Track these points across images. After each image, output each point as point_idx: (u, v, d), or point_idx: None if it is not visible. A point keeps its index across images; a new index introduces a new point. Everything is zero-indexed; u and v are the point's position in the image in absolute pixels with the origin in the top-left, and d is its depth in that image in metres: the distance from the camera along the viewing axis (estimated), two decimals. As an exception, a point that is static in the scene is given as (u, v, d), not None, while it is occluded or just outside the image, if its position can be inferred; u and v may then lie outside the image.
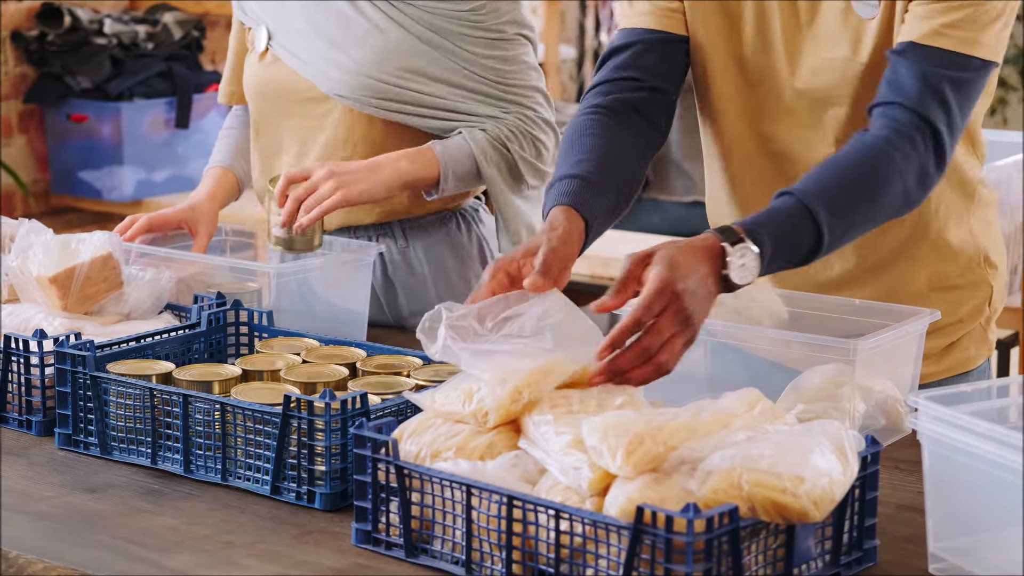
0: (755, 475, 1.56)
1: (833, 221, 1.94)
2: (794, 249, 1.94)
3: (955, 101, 2.05)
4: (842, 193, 1.97)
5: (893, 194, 2.01)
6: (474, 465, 1.70)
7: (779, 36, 2.19)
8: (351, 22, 2.67)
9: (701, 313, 1.84)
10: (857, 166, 2.00)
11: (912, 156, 2.01)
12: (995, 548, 1.64)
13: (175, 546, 1.80)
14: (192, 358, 2.27)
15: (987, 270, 2.29)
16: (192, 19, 5.47)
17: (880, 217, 2.04)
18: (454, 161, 2.63)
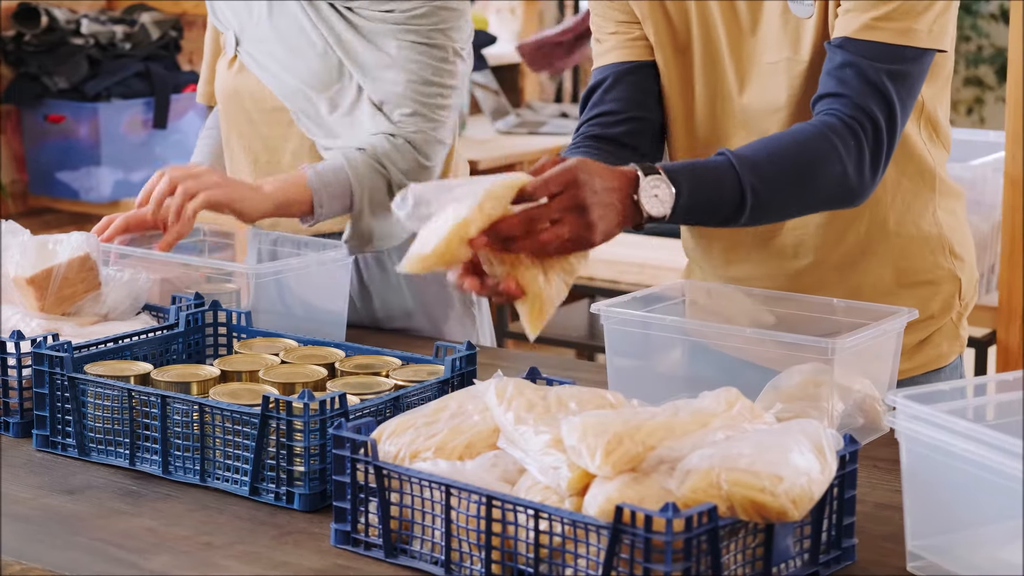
0: (734, 474, 1.56)
1: (759, 185, 1.98)
2: (713, 202, 1.97)
3: (895, 92, 2.07)
4: (772, 164, 2.01)
5: (828, 178, 2.04)
6: (453, 465, 1.70)
7: (726, 49, 2.23)
8: (304, 30, 2.66)
9: (600, 216, 1.85)
10: (792, 145, 2.04)
11: (850, 145, 2.04)
12: (973, 546, 1.65)
13: (153, 547, 1.79)
14: (170, 359, 2.27)
15: (954, 263, 2.30)
16: (170, 19, 5.46)
17: (814, 199, 2.08)
18: (327, 185, 2.56)
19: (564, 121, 6.47)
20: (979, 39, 8.74)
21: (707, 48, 2.25)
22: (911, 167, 2.25)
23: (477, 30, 6.40)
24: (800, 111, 2.19)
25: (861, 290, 2.27)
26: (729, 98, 2.24)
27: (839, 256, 2.27)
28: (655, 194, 1.91)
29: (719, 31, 2.23)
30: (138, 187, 5.59)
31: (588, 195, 1.84)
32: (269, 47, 2.69)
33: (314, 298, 2.57)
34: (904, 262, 2.27)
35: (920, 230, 2.27)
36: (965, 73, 8.79)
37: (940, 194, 2.29)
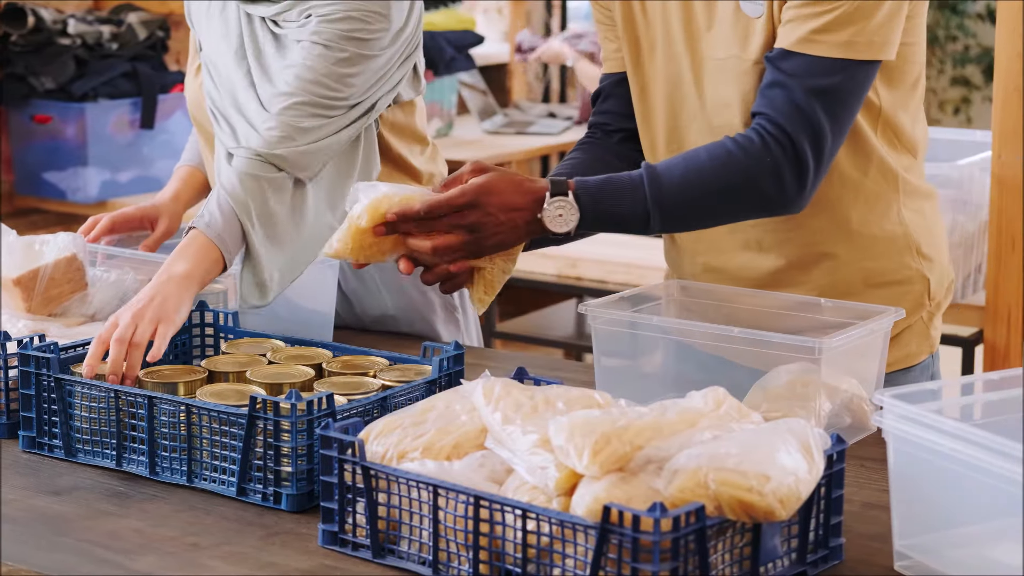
0: (721, 474, 1.56)
1: (666, 202, 2.11)
2: (618, 218, 2.12)
3: (823, 111, 2.11)
4: (683, 180, 2.12)
5: (742, 194, 2.14)
6: (441, 465, 1.70)
7: (683, 46, 2.27)
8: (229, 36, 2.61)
9: (493, 235, 2.08)
10: (707, 161, 2.13)
11: (764, 164, 2.11)
12: (960, 545, 1.65)
13: (140, 548, 1.79)
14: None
15: (922, 263, 2.31)
16: (157, 19, 5.45)
17: (730, 213, 2.19)
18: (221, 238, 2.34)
19: (552, 121, 6.47)
20: (966, 39, 8.76)
21: (667, 45, 2.29)
22: (872, 169, 2.26)
23: (464, 30, 6.39)
24: (746, 110, 2.22)
25: (830, 290, 2.28)
26: (686, 94, 2.29)
27: (802, 254, 2.29)
28: (559, 214, 2.09)
29: (677, 28, 2.27)
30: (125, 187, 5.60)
31: (484, 217, 2.07)
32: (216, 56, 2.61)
33: (301, 299, 2.57)
34: (871, 262, 2.28)
35: (885, 230, 2.28)
36: (952, 73, 8.81)
37: (905, 194, 2.30)
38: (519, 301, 5.58)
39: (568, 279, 4.74)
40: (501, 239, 2.09)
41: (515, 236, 2.10)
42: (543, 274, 4.77)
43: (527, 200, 2.09)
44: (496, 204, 2.07)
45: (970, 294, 4.09)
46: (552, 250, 4.74)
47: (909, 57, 2.24)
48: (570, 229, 2.10)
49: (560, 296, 5.35)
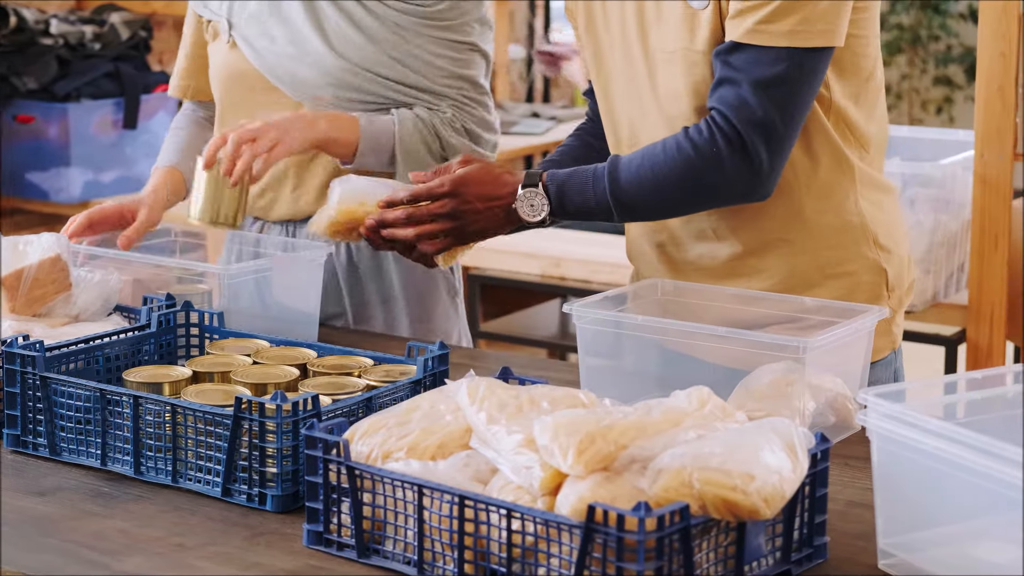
0: (706, 473, 1.57)
1: (622, 196, 2.23)
2: (584, 209, 2.26)
3: (770, 101, 2.15)
4: (639, 174, 2.22)
5: (694, 188, 2.22)
6: (425, 465, 1.70)
7: (636, 40, 2.31)
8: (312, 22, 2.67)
9: (474, 223, 2.29)
10: (662, 155, 2.21)
11: (713, 160, 2.18)
12: (944, 544, 1.65)
13: (126, 549, 1.79)
14: (142, 360, 2.26)
15: (879, 253, 2.32)
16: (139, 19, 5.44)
17: (685, 205, 2.28)
18: (375, 135, 2.63)
19: (536, 121, 6.48)
20: (948, 38, 8.78)
21: (624, 43, 2.33)
22: (826, 158, 2.28)
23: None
24: (700, 98, 2.24)
25: (788, 278, 2.30)
26: (642, 88, 2.32)
27: (758, 241, 2.30)
28: (531, 204, 2.27)
29: (632, 25, 2.31)
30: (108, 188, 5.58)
31: (464, 205, 2.28)
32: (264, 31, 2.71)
33: (286, 299, 2.57)
34: (827, 251, 2.30)
35: (841, 219, 2.30)
36: (935, 72, 8.83)
37: (862, 184, 2.32)
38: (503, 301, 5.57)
39: (552, 279, 4.74)
40: (482, 226, 2.30)
41: (495, 224, 2.30)
42: (527, 274, 4.77)
43: (504, 191, 2.28)
44: (474, 194, 2.28)
45: (953, 293, 4.11)
46: (536, 250, 4.74)
47: (859, 50, 2.26)
48: (542, 217, 2.27)
49: (544, 296, 5.34)
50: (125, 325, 2.35)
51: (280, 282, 2.56)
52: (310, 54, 2.68)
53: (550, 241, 4.84)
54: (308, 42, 2.68)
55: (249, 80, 2.73)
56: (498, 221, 2.30)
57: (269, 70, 2.70)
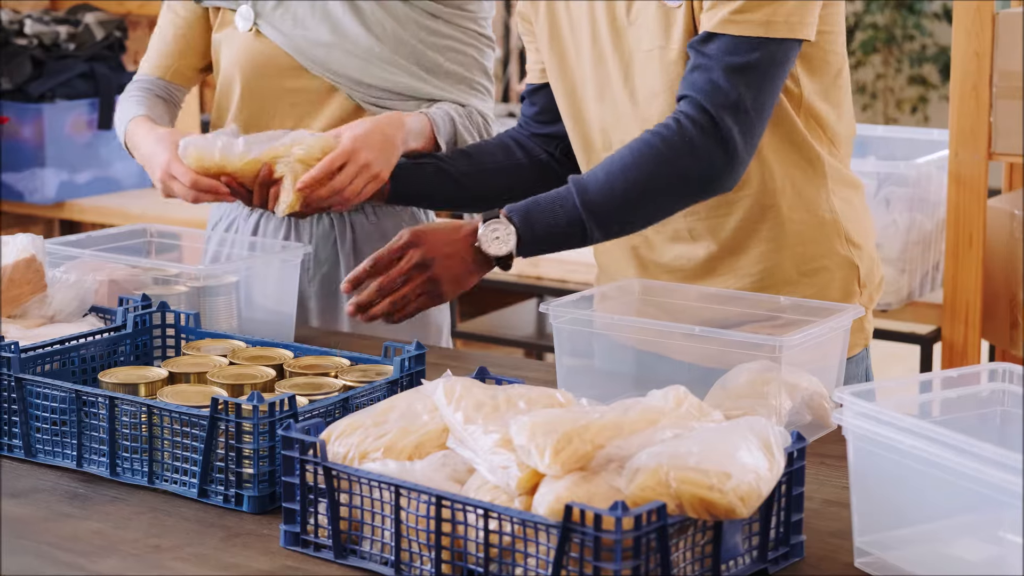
0: (682, 472, 1.57)
1: (596, 208, 2.18)
2: (555, 231, 2.19)
3: (743, 85, 2.16)
4: (607, 178, 2.19)
5: (668, 180, 2.19)
6: (402, 465, 1.70)
7: (608, 41, 2.32)
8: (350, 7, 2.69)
9: (445, 269, 2.20)
10: (628, 155, 2.19)
11: (684, 145, 2.16)
12: (919, 541, 1.66)
13: (102, 550, 1.78)
14: (118, 361, 2.26)
15: (851, 250, 2.35)
16: (114, 19, 5.42)
17: (664, 204, 2.23)
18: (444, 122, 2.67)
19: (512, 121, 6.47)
20: (923, 38, 8.80)
21: (595, 46, 2.33)
22: (797, 155, 2.30)
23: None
24: (675, 96, 2.25)
25: (765, 276, 2.31)
26: (616, 91, 2.32)
27: (733, 240, 2.32)
28: (495, 236, 2.20)
29: (603, 27, 2.32)
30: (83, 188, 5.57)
31: (427, 253, 2.20)
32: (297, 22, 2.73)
33: (263, 299, 2.57)
34: (800, 248, 2.32)
35: (814, 215, 2.32)
36: (909, 72, 8.85)
37: (833, 181, 2.34)
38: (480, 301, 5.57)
39: (529, 279, 4.75)
40: (455, 271, 2.22)
41: (465, 267, 2.22)
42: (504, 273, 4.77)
43: (462, 232, 2.21)
44: (432, 240, 2.21)
45: (928, 292, 4.11)
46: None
47: (828, 47, 2.28)
48: (510, 249, 2.19)
49: (521, 296, 5.34)
50: (101, 326, 2.35)
51: (257, 283, 2.56)
52: (348, 38, 2.69)
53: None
54: (346, 27, 2.69)
55: (276, 67, 2.73)
56: (467, 264, 2.22)
57: (302, 53, 2.70)
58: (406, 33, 2.71)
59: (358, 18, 2.70)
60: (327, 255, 2.78)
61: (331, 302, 2.80)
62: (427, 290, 2.21)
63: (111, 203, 5.21)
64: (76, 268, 2.53)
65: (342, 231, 2.77)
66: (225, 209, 2.86)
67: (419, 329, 2.76)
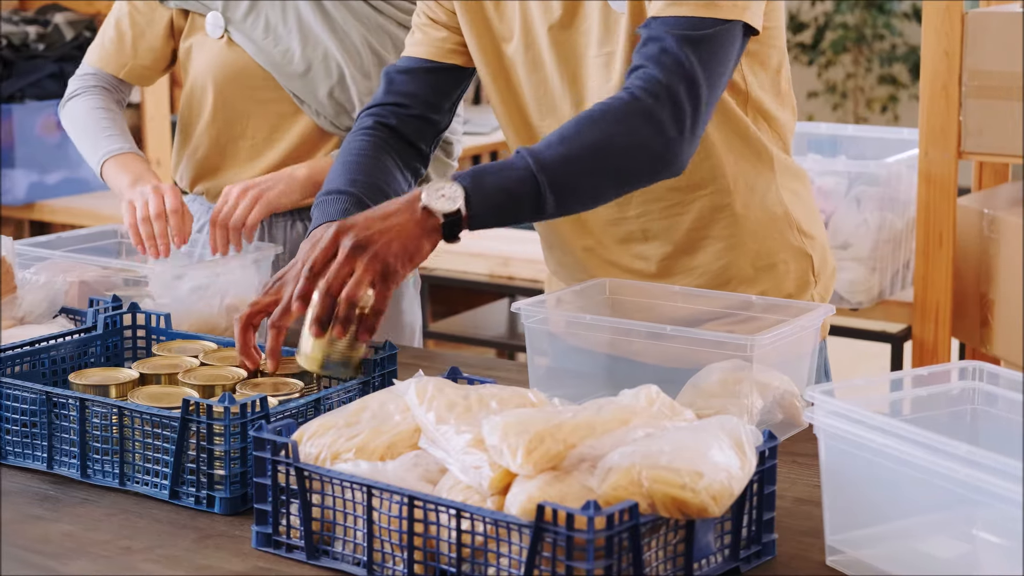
0: (654, 471, 1.57)
1: (553, 168, 2.00)
2: (508, 192, 1.99)
3: (694, 57, 2.07)
4: (560, 141, 2.03)
5: (629, 149, 2.05)
6: (374, 466, 1.70)
7: (547, 46, 2.28)
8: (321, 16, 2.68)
9: (387, 243, 1.92)
10: (586, 123, 2.05)
11: (638, 111, 2.05)
12: (890, 540, 1.66)
13: (72, 553, 1.78)
14: (88, 362, 2.25)
15: (803, 240, 2.37)
16: (84, 19, 5.41)
17: (622, 173, 2.08)
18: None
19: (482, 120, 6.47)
20: (893, 38, 8.83)
21: (529, 47, 2.30)
22: (747, 150, 2.31)
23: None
24: None
25: (721, 274, 2.33)
26: (556, 93, 2.29)
27: (688, 239, 2.32)
28: (441, 195, 1.96)
29: (538, 29, 2.29)
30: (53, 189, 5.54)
31: (359, 233, 1.92)
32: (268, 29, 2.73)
33: (235, 299, 2.56)
34: (755, 244, 2.34)
35: (766, 210, 2.34)
36: (879, 71, 8.88)
37: (780, 174, 2.36)
38: (451, 301, 5.57)
39: (500, 278, 4.75)
40: (401, 244, 1.94)
41: (411, 237, 1.95)
42: (475, 273, 4.77)
43: (400, 203, 1.98)
44: (363, 221, 1.95)
45: (898, 291, 4.13)
46: (484, 250, 4.74)
47: (770, 41, 2.29)
48: (459, 206, 1.95)
49: (492, 295, 5.35)
50: (71, 327, 2.34)
51: (228, 282, 2.55)
52: (319, 53, 2.68)
53: (498, 241, 4.84)
54: (319, 41, 2.68)
55: (249, 77, 2.73)
56: (411, 232, 1.95)
57: (276, 67, 2.69)
58: (376, 42, 2.69)
59: (328, 26, 2.69)
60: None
61: None
62: (377, 272, 1.92)
63: (81, 204, 5.19)
64: (46, 269, 2.52)
65: None
66: (199, 208, 2.85)
67: (392, 330, 2.77)
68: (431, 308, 5.21)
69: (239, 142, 2.76)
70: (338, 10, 2.69)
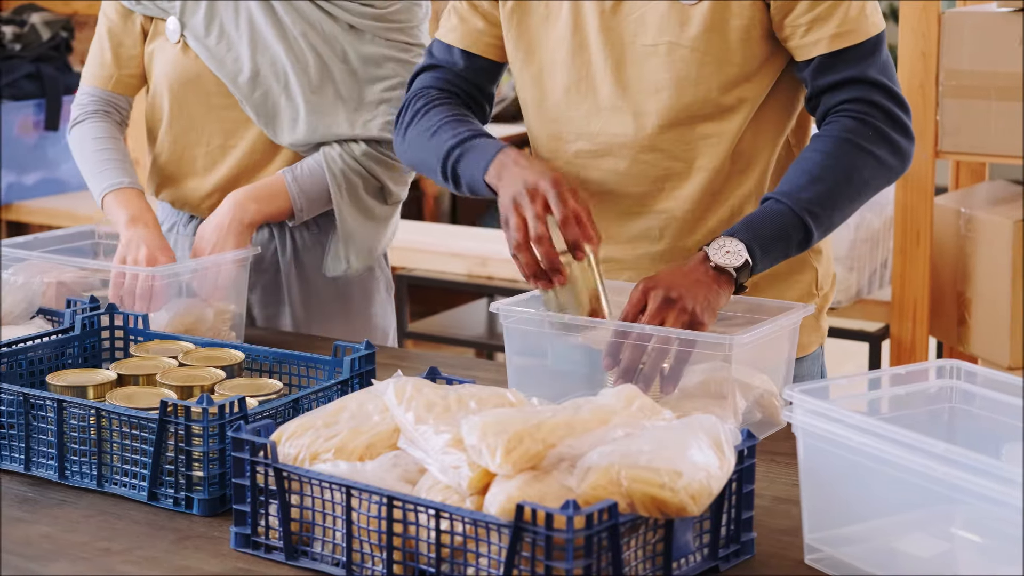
0: (633, 471, 1.57)
1: (817, 210, 2.16)
2: (781, 239, 2.15)
3: (885, 77, 2.22)
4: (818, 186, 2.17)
5: (869, 173, 2.21)
6: (353, 466, 1.70)
7: (596, 34, 2.26)
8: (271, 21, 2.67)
9: (692, 296, 2.06)
10: (825, 160, 2.18)
11: (870, 136, 2.19)
12: (868, 538, 1.67)
13: (51, 554, 1.77)
14: (66, 363, 2.24)
15: (810, 253, 2.36)
16: (60, 19, 5.39)
17: (864, 196, 2.24)
18: (306, 191, 2.69)
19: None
20: (870, 37, 8.85)
21: (577, 29, 2.28)
22: (778, 166, 2.30)
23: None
24: (682, 92, 2.23)
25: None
26: (597, 77, 2.27)
27: (694, 243, 2.29)
28: (726, 251, 2.11)
29: (588, 12, 2.27)
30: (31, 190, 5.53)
31: (666, 292, 2.06)
32: (223, 34, 2.71)
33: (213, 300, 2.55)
34: None
35: None
36: (857, 71, 8.90)
37: None
38: (430, 301, 5.57)
39: (479, 278, 4.74)
40: (702, 296, 2.08)
41: (709, 289, 2.09)
42: (454, 273, 4.77)
43: (692, 263, 2.12)
44: (667, 275, 2.10)
45: (876, 289, 4.14)
46: (463, 250, 4.74)
47: None
48: (745, 258, 2.10)
49: (471, 295, 5.34)
50: (49, 328, 2.33)
51: (207, 283, 2.54)
52: (268, 57, 2.67)
53: (476, 241, 4.84)
54: (268, 45, 2.66)
55: (203, 83, 2.71)
56: (710, 286, 2.09)
57: (227, 75, 2.68)
58: (324, 48, 2.67)
59: (277, 31, 2.67)
60: (269, 263, 2.77)
61: (272, 311, 2.79)
62: (685, 323, 2.06)
63: (59, 205, 5.18)
64: (24, 270, 2.52)
65: (282, 240, 2.76)
66: (166, 212, 2.84)
67: (362, 335, 2.76)
68: (410, 308, 5.20)
69: (196, 149, 2.75)
70: (288, 14, 2.67)
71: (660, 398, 2.04)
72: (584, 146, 2.30)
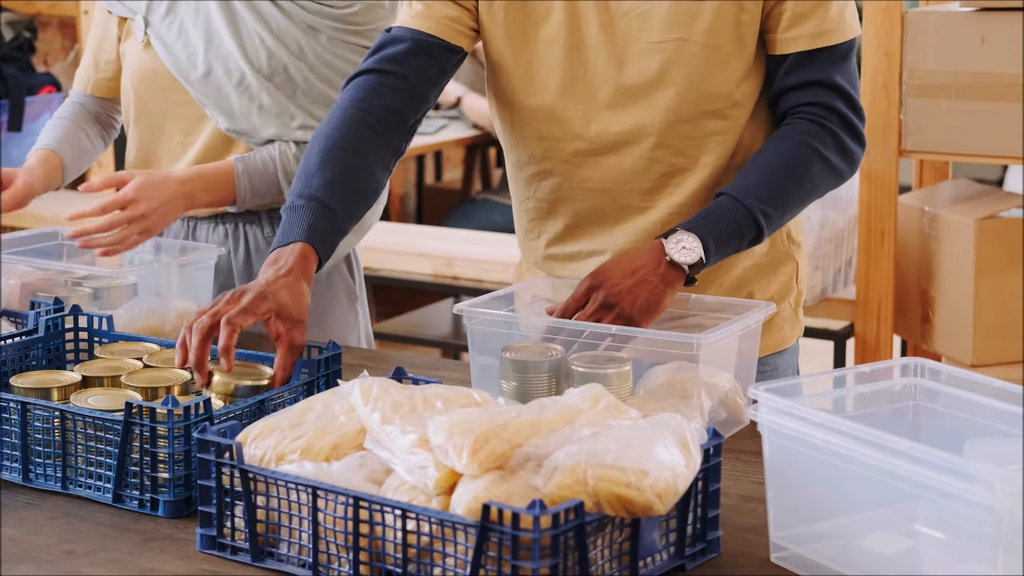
0: (600, 470, 1.57)
1: (767, 209, 2.18)
2: (733, 236, 2.17)
3: (849, 85, 2.27)
4: (769, 186, 2.20)
5: (818, 175, 2.24)
6: (319, 467, 1.69)
7: (597, 32, 2.25)
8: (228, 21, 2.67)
9: (632, 301, 2.10)
10: (778, 161, 2.22)
11: (827, 140, 2.23)
12: (834, 536, 1.67)
13: (15, 557, 1.76)
14: (30, 365, 2.23)
15: (791, 247, 2.38)
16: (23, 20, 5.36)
17: (812, 196, 2.27)
18: (253, 180, 2.68)
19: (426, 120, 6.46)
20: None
21: (572, 28, 2.26)
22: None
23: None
24: (689, 89, 2.23)
25: (732, 282, 2.31)
26: (597, 78, 2.26)
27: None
28: (683, 247, 2.13)
29: (584, 9, 2.24)
30: (-7, 191, 5.47)
31: (608, 291, 2.10)
32: (181, 31, 2.71)
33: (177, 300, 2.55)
34: (758, 249, 2.33)
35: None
36: (821, 70, 8.92)
37: None
38: (395, 301, 5.57)
39: (444, 278, 4.74)
40: (642, 302, 2.11)
41: (655, 292, 2.12)
42: (419, 274, 4.77)
43: (645, 256, 2.13)
44: (615, 275, 2.12)
45: (841, 288, 4.16)
46: (428, 250, 4.74)
47: None
48: (700, 255, 2.13)
49: (436, 295, 5.34)
50: (12, 330, 2.32)
51: (170, 284, 2.54)
52: (221, 54, 2.66)
53: (442, 241, 4.84)
54: (222, 42, 2.66)
55: (162, 80, 2.72)
56: (655, 287, 2.12)
57: (180, 71, 2.68)
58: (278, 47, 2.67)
59: (232, 28, 2.66)
60: (223, 264, 2.76)
61: None
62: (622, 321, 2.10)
63: (22, 206, 5.15)
64: (-13, 272, 2.50)
65: (235, 241, 2.76)
66: None
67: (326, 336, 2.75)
68: (375, 309, 5.20)
69: (160, 146, 2.76)
70: (245, 11, 2.67)
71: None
72: (583, 145, 2.29)
